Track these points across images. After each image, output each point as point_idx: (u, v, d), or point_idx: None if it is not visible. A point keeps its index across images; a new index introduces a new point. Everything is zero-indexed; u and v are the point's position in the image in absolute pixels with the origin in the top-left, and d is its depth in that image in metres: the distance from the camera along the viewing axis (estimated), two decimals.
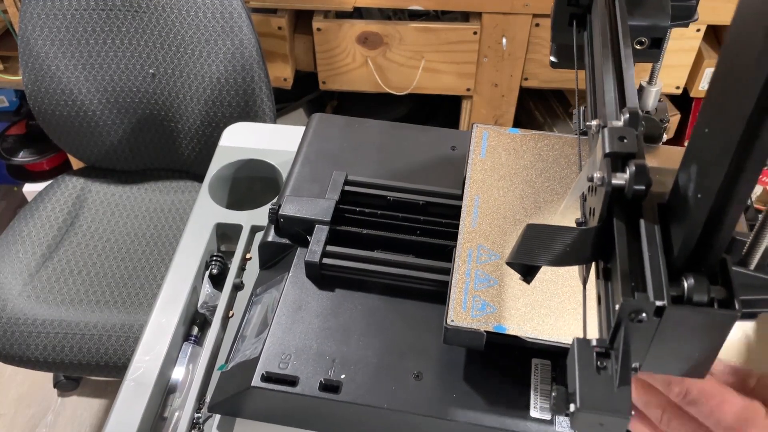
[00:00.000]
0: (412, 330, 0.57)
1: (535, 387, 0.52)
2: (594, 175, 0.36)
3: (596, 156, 0.37)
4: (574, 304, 0.51)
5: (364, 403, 0.52)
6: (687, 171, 0.32)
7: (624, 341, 0.32)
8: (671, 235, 0.33)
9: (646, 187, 0.34)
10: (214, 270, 0.76)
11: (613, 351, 0.33)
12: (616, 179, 0.34)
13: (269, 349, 0.55)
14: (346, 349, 0.55)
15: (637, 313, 0.30)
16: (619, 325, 0.32)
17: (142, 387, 0.63)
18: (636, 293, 0.31)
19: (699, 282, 0.30)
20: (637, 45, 0.54)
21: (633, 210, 0.35)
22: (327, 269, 0.61)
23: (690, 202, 0.31)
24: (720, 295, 0.30)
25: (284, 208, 0.65)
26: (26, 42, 1.18)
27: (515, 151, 0.65)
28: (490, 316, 0.50)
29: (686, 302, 0.30)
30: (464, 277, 0.53)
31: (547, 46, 1.41)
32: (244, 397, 0.54)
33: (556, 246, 0.37)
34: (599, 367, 0.33)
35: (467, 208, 0.59)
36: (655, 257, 0.32)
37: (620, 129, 0.36)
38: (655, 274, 0.31)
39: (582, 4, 0.56)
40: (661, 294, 0.30)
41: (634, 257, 0.33)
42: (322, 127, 0.78)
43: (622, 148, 0.35)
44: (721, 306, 0.29)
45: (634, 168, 0.34)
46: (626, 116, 0.37)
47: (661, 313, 0.30)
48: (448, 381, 0.53)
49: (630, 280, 0.31)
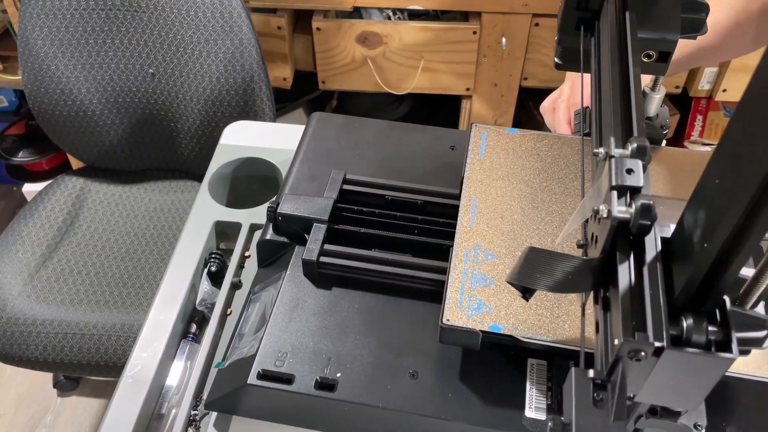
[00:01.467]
0: (408, 329, 0.57)
1: (530, 387, 0.52)
2: (599, 207, 0.36)
3: (602, 186, 0.37)
4: (568, 305, 0.51)
5: (360, 402, 0.52)
6: (694, 215, 0.32)
7: (621, 375, 0.32)
8: (673, 274, 0.34)
9: (651, 222, 0.34)
10: (212, 267, 0.76)
11: (610, 383, 0.34)
12: (621, 213, 0.34)
13: (266, 346, 0.55)
14: (342, 347, 0.55)
15: (636, 352, 0.31)
16: (618, 362, 0.32)
17: (140, 384, 0.63)
18: (636, 333, 0.31)
19: (698, 323, 0.30)
20: (645, 58, 0.54)
21: (636, 244, 0.35)
22: (324, 268, 0.61)
23: (695, 248, 0.31)
24: (718, 337, 0.30)
25: (282, 206, 0.65)
26: (26, 42, 1.18)
27: (514, 151, 0.65)
28: (486, 315, 0.50)
29: (684, 343, 0.30)
30: (460, 276, 0.53)
31: (547, 46, 1.42)
32: (240, 394, 0.54)
33: (557, 273, 0.37)
34: (596, 399, 0.33)
35: (465, 208, 0.59)
36: (656, 296, 0.32)
37: (627, 161, 0.36)
38: (655, 314, 0.31)
39: (591, 9, 0.56)
40: (661, 336, 0.30)
41: (636, 295, 0.33)
42: (321, 126, 0.78)
43: (629, 181, 0.35)
44: (719, 349, 0.30)
45: (640, 204, 0.34)
46: (634, 147, 0.37)
47: (660, 353, 0.30)
48: (443, 380, 0.53)
49: (631, 318, 0.32)
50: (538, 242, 0.56)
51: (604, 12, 0.53)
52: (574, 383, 0.34)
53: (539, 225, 0.57)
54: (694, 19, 0.55)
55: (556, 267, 0.37)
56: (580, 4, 0.55)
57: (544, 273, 0.37)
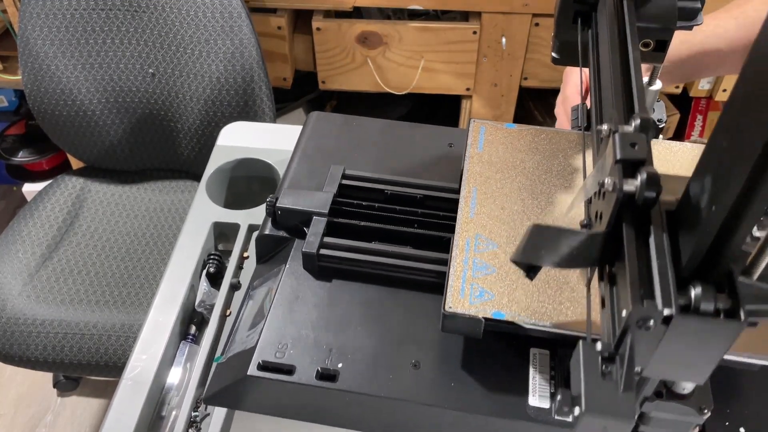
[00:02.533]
0: (409, 320, 0.56)
1: (533, 376, 0.52)
2: (605, 181, 0.36)
3: (606, 161, 0.37)
4: (572, 291, 0.51)
5: (362, 392, 0.51)
6: (700, 181, 0.32)
7: (630, 347, 0.32)
8: (680, 244, 0.33)
9: (657, 194, 0.34)
10: (211, 269, 0.75)
11: (618, 356, 0.33)
12: (627, 185, 0.34)
13: (266, 338, 0.55)
14: (343, 338, 0.55)
15: (645, 320, 0.31)
16: (626, 332, 0.32)
17: (140, 386, 0.63)
18: (645, 301, 0.31)
19: (706, 291, 0.30)
20: (642, 47, 0.54)
21: (642, 216, 0.35)
22: (324, 260, 0.61)
23: (702, 213, 0.31)
24: (726, 305, 0.30)
25: (282, 200, 0.65)
26: (26, 42, 1.19)
27: (512, 145, 0.65)
28: (488, 302, 0.50)
29: (693, 311, 0.30)
30: (462, 265, 0.53)
31: (547, 46, 1.42)
32: (240, 386, 0.54)
33: (562, 248, 0.37)
34: (604, 371, 0.33)
35: (465, 199, 0.59)
36: (663, 265, 0.32)
37: (631, 135, 0.36)
38: (663, 283, 0.31)
39: (588, 1, 0.56)
40: (670, 303, 0.30)
41: (643, 265, 0.33)
42: (319, 124, 0.78)
43: (634, 154, 0.35)
44: (727, 316, 0.30)
45: (646, 175, 0.34)
46: (637, 122, 0.37)
47: (669, 321, 0.30)
48: (446, 370, 0.52)
49: (639, 287, 0.32)
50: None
51: (602, 3, 0.54)
52: (582, 356, 0.34)
53: (539, 215, 0.57)
54: (690, 7, 0.55)
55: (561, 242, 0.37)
56: None
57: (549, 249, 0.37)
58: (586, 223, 0.41)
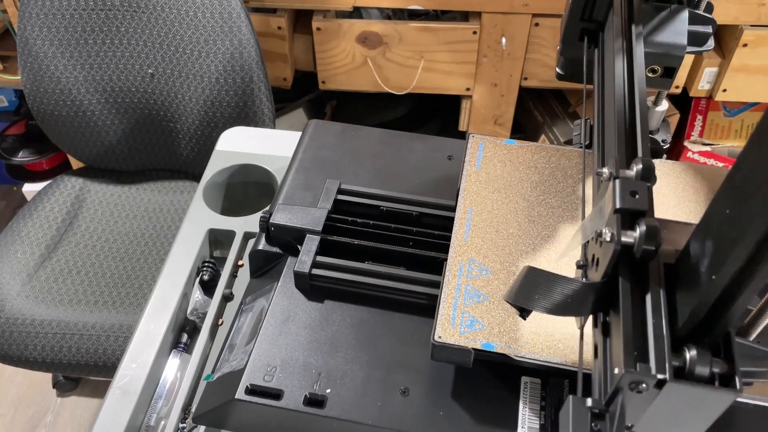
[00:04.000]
0: (400, 344, 0.56)
1: (523, 407, 0.51)
2: (602, 230, 0.35)
3: (605, 207, 0.36)
4: (563, 323, 0.50)
5: (349, 419, 0.51)
6: (701, 244, 0.31)
7: (621, 406, 0.31)
8: (677, 303, 0.32)
9: (656, 248, 0.33)
10: (205, 276, 0.75)
11: (608, 413, 0.33)
12: (625, 237, 0.33)
13: (255, 360, 0.55)
14: (332, 362, 0.55)
15: (638, 383, 0.30)
16: (618, 392, 0.31)
17: (128, 395, 0.62)
18: (638, 364, 0.30)
19: (702, 355, 0.29)
20: (650, 73, 0.52)
21: (639, 269, 0.34)
22: (316, 280, 0.60)
23: (702, 278, 0.30)
24: (722, 370, 0.29)
25: (275, 216, 0.65)
26: (25, 42, 1.18)
27: (511, 162, 0.64)
28: (479, 332, 0.50)
29: (687, 375, 0.29)
30: (454, 292, 0.52)
31: (547, 46, 1.40)
32: (228, 409, 0.53)
33: (556, 295, 0.36)
34: (593, 429, 0.32)
35: (460, 221, 0.58)
36: (659, 326, 0.31)
37: (632, 182, 0.35)
38: (658, 345, 0.30)
39: (595, 20, 0.55)
40: (663, 368, 0.29)
41: (638, 323, 0.32)
42: (317, 134, 0.77)
43: (634, 204, 0.34)
44: (722, 383, 0.29)
45: (645, 228, 0.33)
46: (639, 167, 0.36)
47: (662, 386, 0.29)
48: (435, 398, 0.52)
49: (632, 347, 0.31)
50: (534, 258, 0.55)
51: (609, 23, 0.52)
52: (571, 412, 0.33)
53: (535, 240, 0.57)
54: (700, 32, 0.54)
55: (555, 289, 0.36)
56: (585, 15, 0.54)
57: (543, 295, 0.36)
58: (581, 264, 0.40)
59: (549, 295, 0.36)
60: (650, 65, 0.51)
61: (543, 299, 0.36)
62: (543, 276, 0.37)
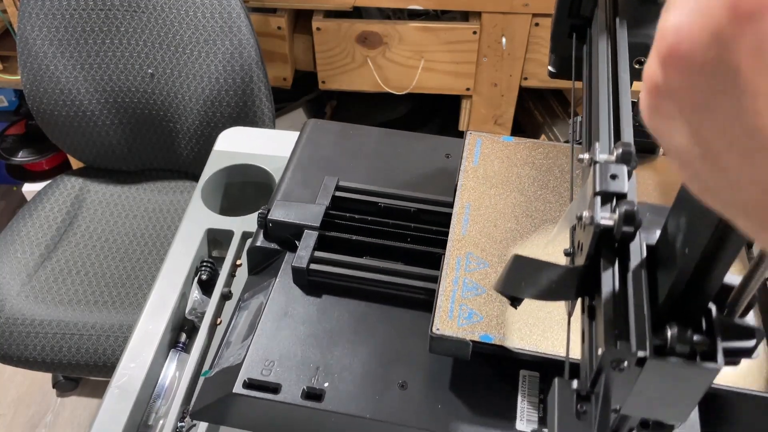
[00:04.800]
0: (398, 338, 0.56)
1: (522, 399, 0.51)
2: (583, 214, 0.35)
3: (587, 192, 0.36)
4: (561, 315, 0.50)
5: (347, 413, 0.51)
6: (676, 220, 0.31)
7: (605, 386, 0.31)
8: (658, 281, 0.32)
9: (635, 229, 0.33)
10: (203, 276, 0.75)
11: (594, 394, 0.33)
12: (604, 219, 0.33)
13: (252, 355, 0.55)
14: (330, 356, 0.55)
15: (619, 362, 0.30)
16: (601, 372, 0.31)
17: (127, 394, 0.62)
18: (618, 342, 0.30)
19: (682, 331, 0.29)
20: (636, 64, 0.53)
21: (621, 251, 0.34)
22: (314, 275, 0.60)
23: (677, 253, 0.30)
24: (703, 346, 0.29)
25: (273, 212, 0.65)
26: (25, 41, 1.18)
27: (508, 159, 0.64)
28: (477, 325, 0.50)
29: (668, 352, 0.29)
30: (452, 285, 0.52)
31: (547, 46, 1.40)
32: (226, 403, 0.53)
33: (542, 281, 0.36)
34: (579, 411, 0.32)
35: (458, 216, 0.58)
36: (639, 305, 0.31)
37: (612, 166, 0.35)
38: (638, 323, 0.30)
39: (583, 15, 0.55)
40: (644, 344, 0.29)
41: (619, 303, 0.32)
42: (315, 133, 0.77)
43: (613, 187, 0.34)
44: (704, 358, 0.29)
45: (624, 209, 0.33)
46: (619, 152, 0.36)
47: (643, 363, 0.29)
48: (433, 391, 0.52)
49: (613, 327, 0.31)
50: (531, 251, 0.55)
51: (596, 19, 0.53)
52: (557, 394, 0.34)
53: (533, 233, 0.57)
54: None
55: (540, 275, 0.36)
56: (572, 12, 0.54)
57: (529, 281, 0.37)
58: (569, 252, 0.40)
59: (535, 282, 0.36)
60: (636, 57, 0.51)
61: (530, 286, 0.36)
62: (528, 263, 0.37)
